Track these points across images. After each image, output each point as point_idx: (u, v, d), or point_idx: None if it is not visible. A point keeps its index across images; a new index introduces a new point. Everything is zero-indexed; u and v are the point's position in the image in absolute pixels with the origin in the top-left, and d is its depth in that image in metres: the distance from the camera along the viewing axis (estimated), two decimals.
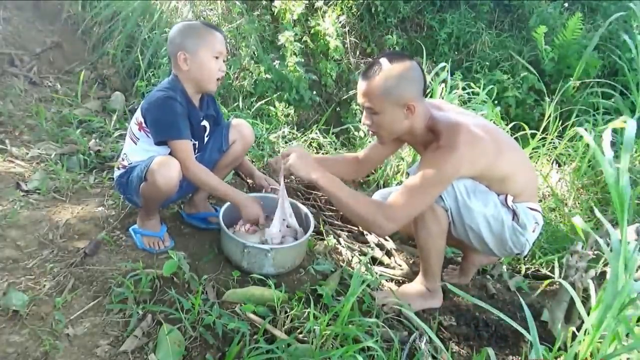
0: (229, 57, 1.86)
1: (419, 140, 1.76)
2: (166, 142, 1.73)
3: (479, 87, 3.23)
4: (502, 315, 1.41)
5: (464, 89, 3.20)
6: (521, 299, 1.53)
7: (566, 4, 5.19)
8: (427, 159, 1.64)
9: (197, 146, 1.90)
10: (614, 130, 3.21)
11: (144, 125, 1.76)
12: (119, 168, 1.88)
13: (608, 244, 1.45)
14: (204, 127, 1.93)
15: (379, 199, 2.07)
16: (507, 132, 3.02)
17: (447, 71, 3.01)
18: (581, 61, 3.63)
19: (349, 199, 1.63)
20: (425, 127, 1.70)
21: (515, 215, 1.72)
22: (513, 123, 3.20)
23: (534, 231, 1.78)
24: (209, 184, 1.79)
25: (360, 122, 3.50)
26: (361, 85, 1.65)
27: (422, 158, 1.72)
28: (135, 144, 1.81)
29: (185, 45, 1.72)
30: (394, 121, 1.66)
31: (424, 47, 4.04)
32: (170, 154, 1.73)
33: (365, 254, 2.17)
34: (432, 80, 2.99)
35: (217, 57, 1.76)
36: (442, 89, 2.94)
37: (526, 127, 3.05)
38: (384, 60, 1.60)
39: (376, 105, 1.63)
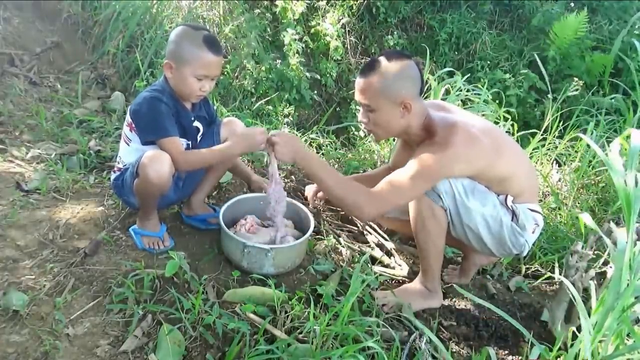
0: (219, 76, 1.83)
1: (414, 138, 1.76)
2: (154, 141, 1.74)
3: (481, 87, 3.22)
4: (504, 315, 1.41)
5: (468, 90, 3.19)
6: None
7: (572, 4, 5.19)
8: (419, 153, 1.64)
9: (190, 147, 1.90)
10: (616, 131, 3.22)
11: (133, 126, 1.77)
12: (114, 171, 1.89)
13: (606, 244, 1.45)
14: (197, 128, 1.92)
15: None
16: (508, 130, 3.02)
17: (449, 75, 3.01)
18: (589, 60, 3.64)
19: (330, 180, 1.64)
20: (422, 126, 1.70)
21: (514, 215, 1.72)
22: (512, 122, 3.20)
23: (533, 232, 1.78)
24: (205, 159, 1.80)
25: (359, 121, 3.47)
26: (358, 82, 1.66)
27: (415, 152, 1.72)
28: (128, 145, 1.82)
29: (175, 55, 1.71)
30: (390, 119, 1.67)
31: (426, 47, 4.03)
32: None
33: (365, 254, 2.17)
34: (435, 81, 2.98)
35: (200, 79, 1.73)
36: (446, 90, 2.93)
37: (526, 125, 3.04)
38: (382, 59, 1.62)
39: (372, 103, 1.64)
